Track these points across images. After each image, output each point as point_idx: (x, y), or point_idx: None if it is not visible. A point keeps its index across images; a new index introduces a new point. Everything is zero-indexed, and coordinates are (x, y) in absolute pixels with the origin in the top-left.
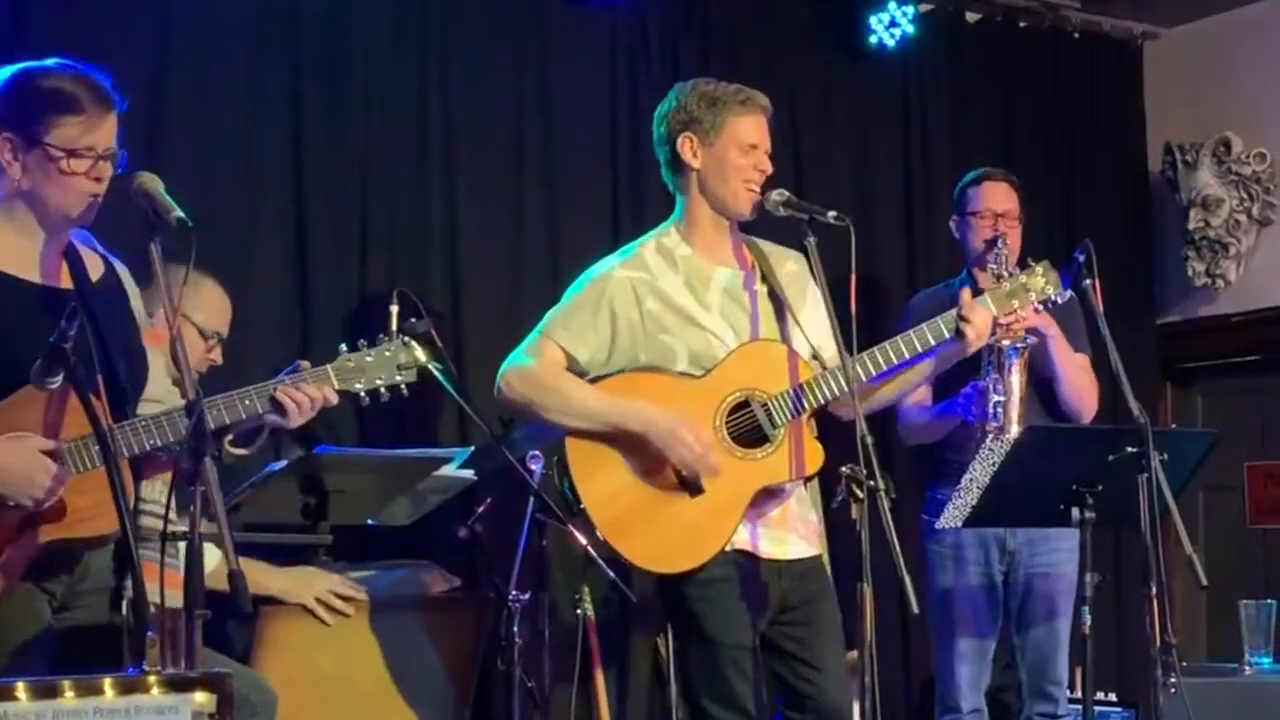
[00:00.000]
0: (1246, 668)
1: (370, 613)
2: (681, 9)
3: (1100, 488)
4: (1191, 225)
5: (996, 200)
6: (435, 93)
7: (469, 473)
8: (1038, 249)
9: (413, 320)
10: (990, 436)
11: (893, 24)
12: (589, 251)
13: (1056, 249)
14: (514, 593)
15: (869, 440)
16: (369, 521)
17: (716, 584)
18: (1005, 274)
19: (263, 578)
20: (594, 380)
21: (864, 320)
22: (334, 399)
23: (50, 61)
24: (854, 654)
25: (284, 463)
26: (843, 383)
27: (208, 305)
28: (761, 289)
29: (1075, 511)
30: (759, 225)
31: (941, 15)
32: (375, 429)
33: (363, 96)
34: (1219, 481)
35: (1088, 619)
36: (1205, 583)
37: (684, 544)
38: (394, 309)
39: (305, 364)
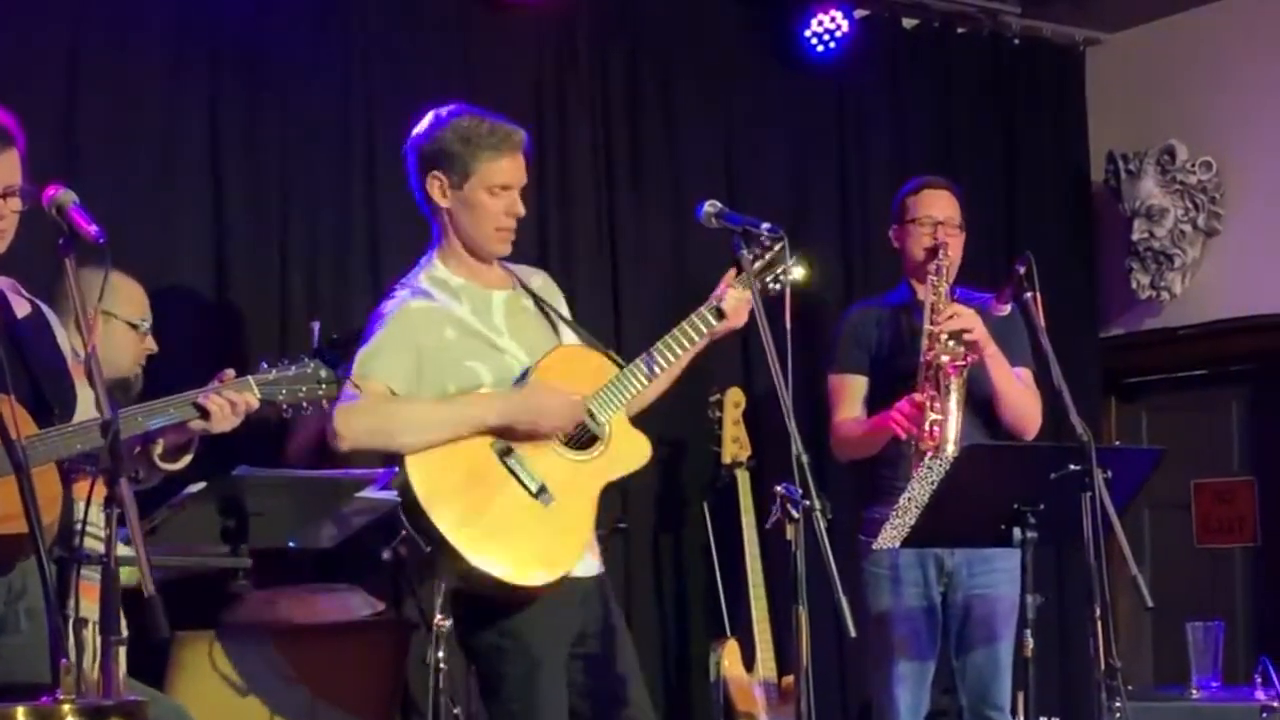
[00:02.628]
0: (1193, 691)
1: (291, 637)
2: (611, 13)
3: (1042, 506)
4: (1135, 236)
5: (937, 208)
6: (359, 97)
7: (392, 495)
8: (978, 260)
9: (335, 336)
10: (929, 454)
11: (828, 30)
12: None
13: (997, 260)
14: (439, 617)
15: (804, 459)
16: (290, 544)
17: (534, 608)
18: (946, 284)
19: None
20: None
21: (799, 333)
22: (255, 404)
23: None
24: (790, 678)
25: (202, 485)
26: (653, 370)
27: (124, 297)
28: (529, 304)
29: (1017, 531)
30: (692, 233)
31: (878, 21)
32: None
33: (283, 102)
34: (1165, 499)
35: (1030, 641)
36: (1151, 604)
37: (556, 549)
38: (315, 325)
39: (230, 372)
